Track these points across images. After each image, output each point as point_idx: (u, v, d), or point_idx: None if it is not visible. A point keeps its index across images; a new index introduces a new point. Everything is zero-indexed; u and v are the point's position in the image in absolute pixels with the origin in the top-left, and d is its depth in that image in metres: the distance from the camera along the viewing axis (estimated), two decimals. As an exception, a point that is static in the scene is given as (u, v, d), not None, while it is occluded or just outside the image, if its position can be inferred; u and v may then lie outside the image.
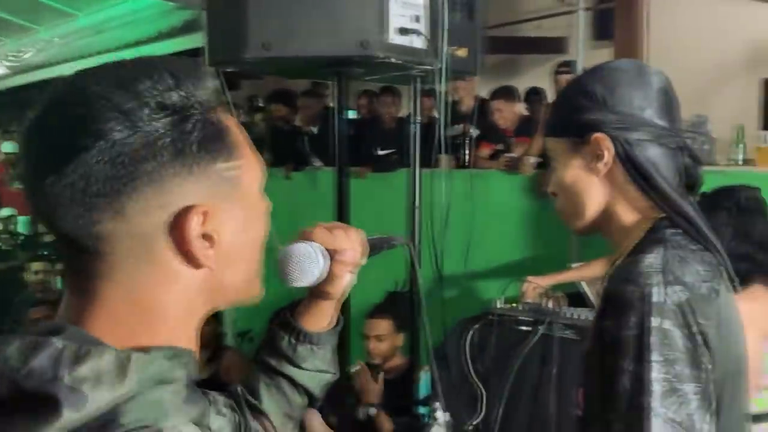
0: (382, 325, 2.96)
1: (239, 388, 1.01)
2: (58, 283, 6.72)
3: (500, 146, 4.57)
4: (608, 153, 1.07)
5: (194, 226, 0.63)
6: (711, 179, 2.99)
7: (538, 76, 5.78)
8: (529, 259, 3.76)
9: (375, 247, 1.04)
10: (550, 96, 4.67)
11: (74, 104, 0.61)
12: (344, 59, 1.86)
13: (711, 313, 0.97)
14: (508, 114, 4.50)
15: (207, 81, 0.66)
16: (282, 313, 1.02)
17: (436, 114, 4.03)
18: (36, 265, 5.47)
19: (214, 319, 4.14)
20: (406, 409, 2.52)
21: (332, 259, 0.95)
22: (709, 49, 5.40)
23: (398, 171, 4.32)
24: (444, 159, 2.40)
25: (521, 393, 2.75)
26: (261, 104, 6.39)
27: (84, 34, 6.22)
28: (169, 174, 0.62)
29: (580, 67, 4.23)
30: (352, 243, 0.98)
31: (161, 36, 5.18)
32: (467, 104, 4.66)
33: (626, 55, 4.14)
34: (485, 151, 4.61)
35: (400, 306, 2.85)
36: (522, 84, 5.49)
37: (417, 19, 1.96)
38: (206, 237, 0.64)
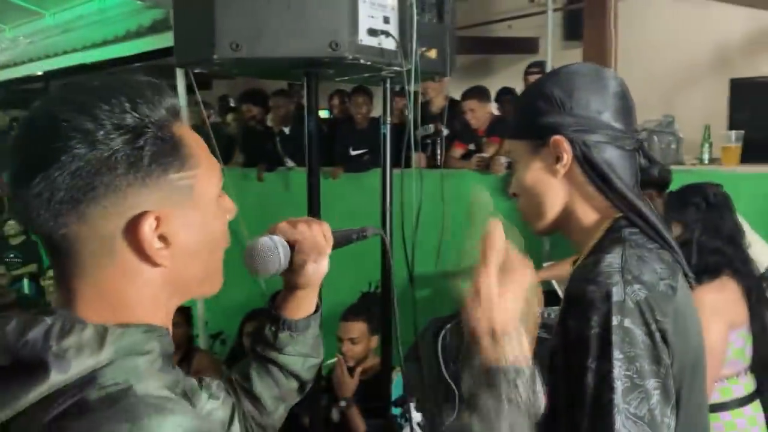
0: (357, 328, 2.95)
1: (234, 375, 1.12)
2: (25, 287, 6.61)
3: (472, 146, 4.58)
4: (567, 155, 1.10)
5: (147, 229, 0.73)
6: (678, 178, 3.04)
7: (510, 76, 5.83)
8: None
9: (344, 239, 1.12)
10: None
11: (42, 125, 0.72)
12: (314, 60, 1.84)
13: (669, 310, 0.99)
14: (480, 114, 4.52)
15: (163, 101, 0.75)
16: (269, 301, 1.13)
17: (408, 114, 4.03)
18: None
19: (185, 321, 4.10)
20: (380, 411, 2.52)
21: (293, 249, 1.04)
22: (678, 49, 5.49)
23: (371, 171, 4.33)
24: (416, 159, 2.40)
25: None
26: (232, 104, 6.34)
27: (51, 33, 6.12)
28: (124, 184, 0.72)
29: (549, 68, 4.26)
30: (312, 234, 1.05)
31: (129, 35, 5.11)
32: (438, 104, 4.67)
33: (595, 56, 4.18)
34: (458, 150, 4.62)
35: (374, 308, 2.85)
36: (494, 84, 5.52)
37: (386, 20, 1.96)
38: (161, 238, 0.75)
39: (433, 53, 2.19)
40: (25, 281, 6.76)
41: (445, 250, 2.81)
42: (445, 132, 4.27)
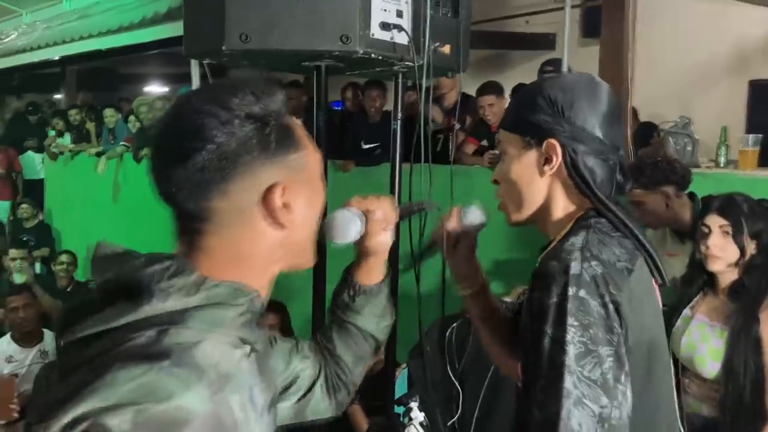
0: None
1: (318, 336, 1.30)
2: (37, 269, 6.65)
3: (485, 142, 4.55)
4: (557, 158, 1.19)
5: (277, 198, 0.89)
6: (693, 181, 2.98)
7: (525, 72, 5.77)
8: (511, 257, 3.75)
9: (406, 211, 1.37)
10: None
11: (189, 117, 0.86)
12: (324, 54, 1.82)
13: (623, 286, 1.08)
14: (498, 109, 4.47)
15: (277, 95, 0.91)
16: (344, 272, 1.29)
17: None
18: (14, 252, 5.40)
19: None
20: (382, 408, 2.50)
21: (367, 219, 1.19)
22: (696, 49, 5.41)
23: (382, 165, 4.30)
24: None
25: (499, 392, 2.74)
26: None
27: (68, 19, 6.13)
28: (257, 164, 0.87)
29: (566, 65, 4.21)
30: (382, 205, 1.22)
31: (145, 22, 5.10)
32: (450, 100, 4.64)
33: (612, 54, 4.12)
34: (470, 146, 4.58)
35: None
36: (508, 80, 5.46)
37: (400, 14, 1.93)
38: (285, 206, 0.90)
39: (446, 49, 2.15)
40: (37, 264, 6.82)
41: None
42: (457, 127, 4.23)
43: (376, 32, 1.86)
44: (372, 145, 4.81)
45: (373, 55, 1.84)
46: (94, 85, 9.63)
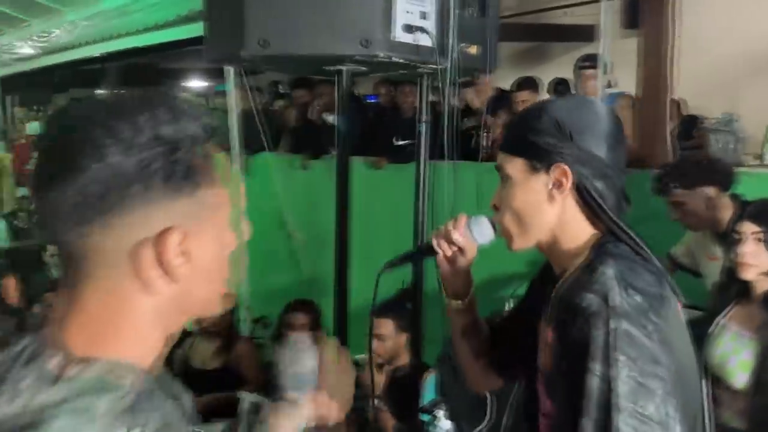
0: (384, 325, 2.90)
1: None
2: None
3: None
4: (567, 183, 1.16)
5: (172, 244, 0.71)
6: (738, 181, 2.84)
7: (565, 64, 5.62)
8: (541, 258, 3.66)
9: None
10: (575, 89, 4.54)
11: (79, 129, 0.70)
12: (344, 58, 1.79)
13: (662, 311, 1.05)
14: (532, 105, 4.38)
15: (201, 118, 0.75)
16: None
17: (456, 102, 3.95)
18: (53, 248, 5.51)
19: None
20: (409, 413, 2.47)
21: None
22: (742, 40, 5.20)
23: (414, 162, 4.25)
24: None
25: (530, 399, 2.67)
26: (282, 90, 6.33)
27: (109, 16, 6.20)
28: (156, 196, 0.70)
29: (606, 59, 4.08)
30: (329, 406, 1.19)
31: (180, 20, 5.14)
32: (482, 97, 4.55)
33: (653, 46, 3.99)
34: (505, 143, 4.50)
35: (405, 305, 2.78)
36: (547, 73, 5.35)
37: (424, 15, 1.88)
38: (184, 254, 0.72)
39: (474, 49, 2.10)
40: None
41: (483, 247, 2.73)
42: (491, 123, 4.16)
43: (399, 35, 1.82)
44: (405, 142, 4.76)
45: (394, 59, 1.80)
46: (134, 81, 9.79)
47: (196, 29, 5.08)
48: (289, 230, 4.90)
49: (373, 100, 5.70)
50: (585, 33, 6.17)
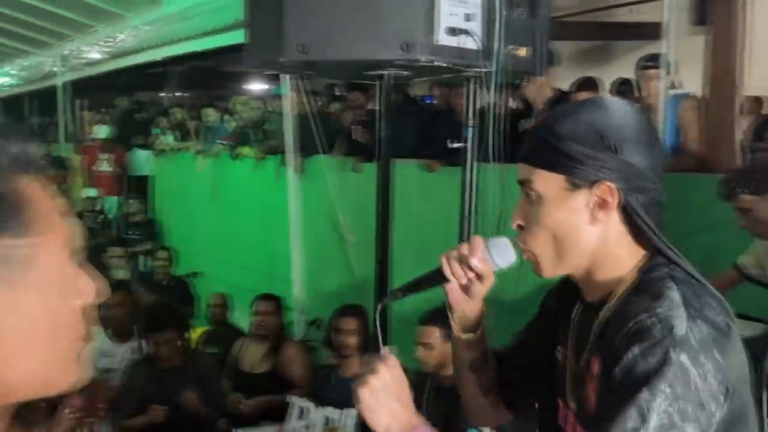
0: (430, 333, 2.83)
1: None
2: (140, 264, 6.97)
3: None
4: (613, 202, 1.04)
5: None
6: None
7: (629, 64, 5.43)
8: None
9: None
10: (637, 90, 4.37)
11: None
12: (384, 63, 1.73)
13: (727, 347, 0.96)
14: (592, 107, 4.23)
15: (9, 147, 0.59)
16: None
17: (512, 103, 3.82)
18: (114, 250, 5.66)
19: (277, 310, 4.13)
20: (455, 426, 2.40)
21: None
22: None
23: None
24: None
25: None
26: (338, 93, 6.33)
27: (169, 21, 6.32)
28: None
29: (670, 58, 3.89)
30: None
31: (237, 24, 5.19)
32: (542, 98, 4.43)
33: (722, 44, 3.78)
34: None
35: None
36: (612, 73, 5.16)
37: (469, 17, 1.81)
38: None
39: (523, 51, 2.01)
40: (141, 258, 7.15)
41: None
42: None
43: (442, 38, 1.75)
44: (459, 144, 4.67)
45: (437, 63, 1.73)
46: (196, 85, 9.99)
47: (252, 33, 5.15)
48: (342, 233, 4.89)
49: (429, 101, 5.63)
50: (650, 31, 5.92)
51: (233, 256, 6.64)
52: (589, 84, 4.34)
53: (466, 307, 1.20)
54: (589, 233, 1.06)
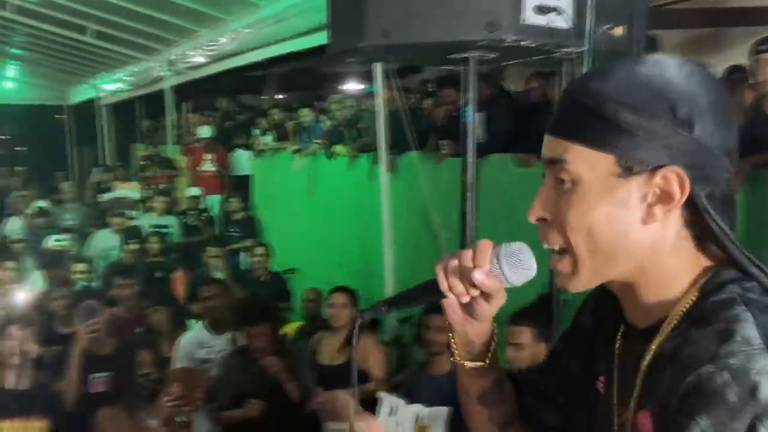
0: (521, 333, 2.72)
1: None
2: (240, 261, 7.17)
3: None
4: (680, 196, 0.77)
5: None
6: None
7: (745, 51, 5.10)
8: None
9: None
10: (752, 77, 4.06)
11: None
12: (469, 44, 1.66)
13: None
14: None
15: None
16: None
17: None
18: (210, 250, 5.85)
19: (352, 302, 4.09)
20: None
21: None
22: None
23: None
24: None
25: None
26: (431, 89, 6.28)
27: (267, 23, 6.47)
28: None
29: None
30: None
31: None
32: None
33: None
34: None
35: (544, 312, 2.60)
36: (726, 62, 4.86)
37: (559, -6, 1.71)
38: None
39: (619, 30, 1.89)
40: (242, 254, 7.36)
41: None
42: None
43: (530, 17, 1.66)
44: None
45: (524, 44, 1.65)
46: (293, 85, 10.21)
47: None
48: (434, 229, 4.83)
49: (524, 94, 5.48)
50: (766, 15, 5.53)
51: (327, 254, 6.72)
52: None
53: (469, 329, 0.95)
54: (640, 234, 0.79)
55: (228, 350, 3.98)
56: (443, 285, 0.89)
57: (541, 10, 1.67)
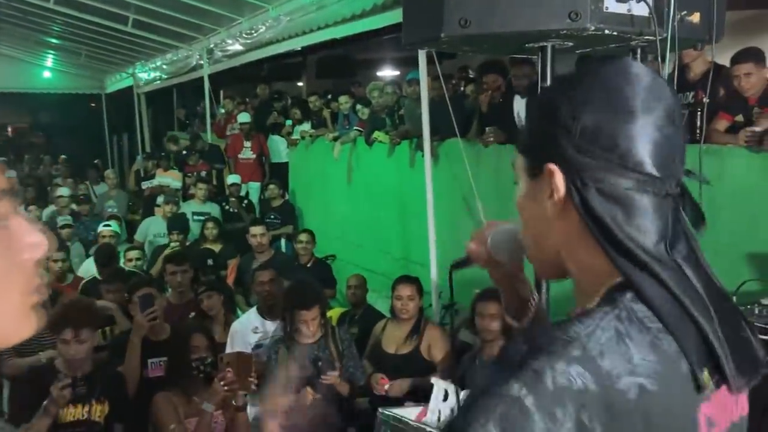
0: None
1: None
2: (282, 246, 7.24)
3: (740, 118, 3.99)
4: (558, 192, 0.82)
5: None
6: None
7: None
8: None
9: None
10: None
11: None
12: (550, 33, 1.66)
13: (613, 414, 0.71)
14: (756, 80, 3.89)
15: None
16: None
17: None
18: (255, 229, 5.89)
19: (418, 292, 4.13)
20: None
21: None
22: None
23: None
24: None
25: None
26: (471, 75, 6.24)
27: (306, 11, 6.48)
28: None
29: None
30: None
31: (376, 9, 5.22)
32: (697, 71, 4.14)
33: None
34: (722, 122, 4.05)
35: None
36: (769, 44, 4.76)
37: (639, -18, 1.70)
38: None
39: (695, 17, 1.87)
40: (283, 241, 7.43)
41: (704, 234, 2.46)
42: (707, 101, 3.76)
43: (611, 5, 1.66)
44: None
45: (606, 31, 1.64)
46: (332, 72, 10.23)
47: (389, 18, 5.16)
48: (478, 217, 4.83)
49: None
50: (819, -5, 5.40)
51: (367, 241, 6.75)
52: (752, 54, 3.99)
53: (502, 287, 1.17)
54: (549, 229, 0.86)
55: (279, 335, 4.03)
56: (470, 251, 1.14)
57: (622, -3, 1.66)
